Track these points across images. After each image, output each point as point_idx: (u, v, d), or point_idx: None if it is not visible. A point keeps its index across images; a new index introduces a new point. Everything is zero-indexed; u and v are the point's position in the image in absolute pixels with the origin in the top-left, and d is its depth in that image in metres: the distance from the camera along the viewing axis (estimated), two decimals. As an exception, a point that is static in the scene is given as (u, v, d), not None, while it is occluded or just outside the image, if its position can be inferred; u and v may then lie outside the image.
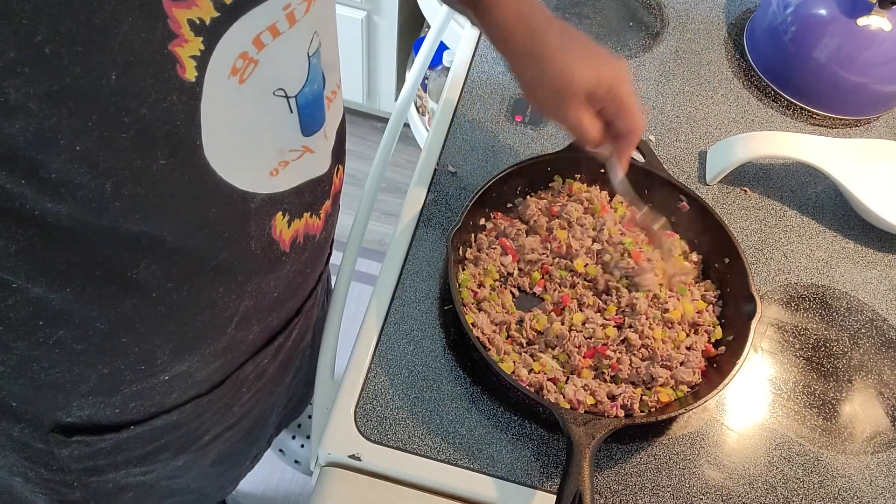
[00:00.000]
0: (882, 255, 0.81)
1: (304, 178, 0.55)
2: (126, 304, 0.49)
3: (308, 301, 0.72)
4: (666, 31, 1.00)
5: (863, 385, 0.71)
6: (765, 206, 0.83)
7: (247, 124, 0.45)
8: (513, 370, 0.65)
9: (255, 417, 0.79)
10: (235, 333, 0.60)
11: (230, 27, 0.39)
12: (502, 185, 0.74)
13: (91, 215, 0.41)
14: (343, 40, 1.69)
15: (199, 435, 0.69)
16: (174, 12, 0.36)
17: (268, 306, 0.62)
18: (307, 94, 0.49)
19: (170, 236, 0.46)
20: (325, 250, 0.70)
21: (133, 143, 0.38)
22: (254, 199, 0.50)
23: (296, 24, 0.43)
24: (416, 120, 1.72)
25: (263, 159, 0.49)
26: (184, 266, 0.50)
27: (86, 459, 0.62)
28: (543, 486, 0.63)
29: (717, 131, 0.89)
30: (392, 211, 1.87)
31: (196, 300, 0.53)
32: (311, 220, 0.60)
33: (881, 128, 0.93)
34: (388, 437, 0.64)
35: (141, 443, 0.64)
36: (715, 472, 0.65)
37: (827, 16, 0.88)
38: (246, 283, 0.56)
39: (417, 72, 0.94)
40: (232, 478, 0.95)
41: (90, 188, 0.39)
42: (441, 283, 0.73)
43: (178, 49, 0.37)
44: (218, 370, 0.63)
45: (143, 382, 0.57)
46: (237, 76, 0.41)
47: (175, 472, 0.73)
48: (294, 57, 0.46)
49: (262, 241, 0.54)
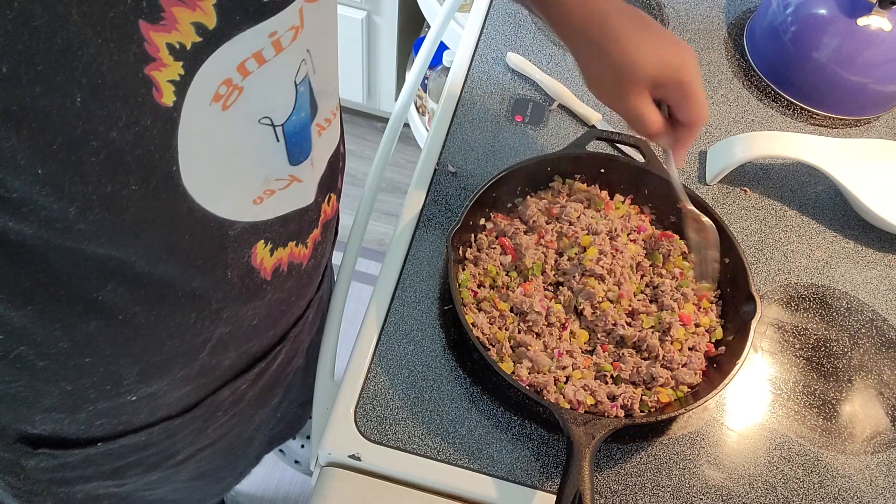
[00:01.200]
0: (882, 255, 0.81)
1: (291, 208, 0.54)
2: (90, 324, 0.47)
3: (294, 328, 0.69)
4: (666, 31, 0.99)
5: (863, 385, 0.71)
6: (765, 206, 0.83)
7: (230, 152, 0.44)
8: (513, 370, 0.65)
9: (235, 438, 0.76)
10: (209, 359, 0.58)
11: (213, 53, 0.38)
12: (502, 185, 0.74)
13: (55, 236, 0.40)
14: (343, 40, 1.69)
15: (172, 454, 0.67)
16: (151, 36, 0.34)
17: (246, 333, 0.60)
18: (294, 123, 0.48)
19: (139, 260, 0.45)
20: (314, 277, 0.67)
21: (102, 167, 0.37)
22: (233, 227, 0.48)
23: (282, 51, 0.42)
24: (416, 120, 1.72)
25: (247, 187, 0.48)
26: (153, 290, 0.48)
27: (53, 471, 0.60)
28: (543, 486, 0.63)
29: (717, 131, 0.89)
30: (392, 211, 1.87)
31: (165, 325, 0.51)
32: (296, 249, 0.58)
33: (881, 128, 0.93)
34: (388, 437, 0.64)
35: (110, 459, 0.62)
36: (715, 472, 0.65)
37: (827, 16, 0.88)
38: (221, 310, 0.54)
39: (417, 72, 0.94)
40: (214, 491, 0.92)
41: (53, 210, 0.38)
42: (441, 283, 0.73)
43: (156, 73, 0.36)
44: (190, 394, 0.61)
45: (109, 401, 0.55)
46: (220, 103, 0.40)
47: (149, 486, 0.71)
48: (281, 85, 0.45)
49: (240, 270, 0.52)
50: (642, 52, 0.58)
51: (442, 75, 1.64)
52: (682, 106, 0.61)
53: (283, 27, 0.41)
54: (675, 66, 0.59)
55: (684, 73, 0.59)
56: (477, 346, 0.64)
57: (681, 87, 0.60)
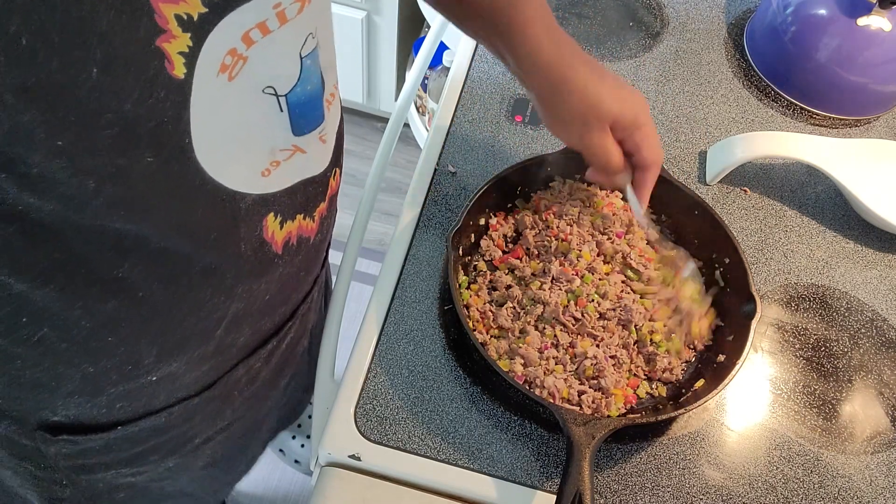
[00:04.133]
0: (882, 255, 0.81)
1: (297, 179, 0.55)
2: (110, 303, 0.48)
3: (303, 305, 0.71)
4: (666, 31, 1.00)
5: (863, 385, 0.71)
6: (765, 206, 0.83)
7: (237, 122, 0.45)
8: (509, 368, 0.65)
9: (249, 422, 0.77)
10: (225, 336, 0.59)
11: (219, 23, 0.38)
12: (502, 185, 0.74)
13: (73, 212, 0.41)
14: (343, 40, 1.70)
15: (190, 438, 0.68)
16: (161, 7, 0.35)
17: (259, 310, 0.61)
18: (299, 94, 0.48)
19: (155, 236, 0.46)
20: (320, 253, 0.69)
21: (116, 140, 0.38)
22: (244, 200, 0.49)
23: (287, 23, 0.43)
24: (416, 120, 1.72)
25: (255, 159, 0.49)
26: (170, 267, 0.49)
27: (74, 458, 0.61)
28: (543, 486, 0.63)
29: (717, 131, 0.89)
30: (392, 211, 1.87)
31: (183, 302, 0.52)
32: (304, 223, 0.59)
33: (881, 128, 0.93)
34: (388, 437, 0.64)
35: (129, 443, 0.63)
36: (715, 472, 0.65)
37: (827, 16, 0.88)
38: (236, 285, 0.55)
39: (417, 72, 0.94)
40: (227, 481, 0.94)
41: (71, 184, 0.38)
42: (441, 283, 0.73)
43: (167, 45, 0.36)
44: (207, 373, 0.62)
45: (130, 383, 0.56)
46: (226, 73, 0.41)
47: (166, 475, 0.72)
48: (285, 56, 0.46)
49: (253, 243, 0.53)
50: (605, 94, 0.62)
51: (442, 75, 1.65)
52: (643, 148, 0.65)
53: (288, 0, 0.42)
54: (634, 111, 0.63)
55: (642, 117, 0.63)
56: (477, 346, 0.64)
57: (640, 129, 0.64)
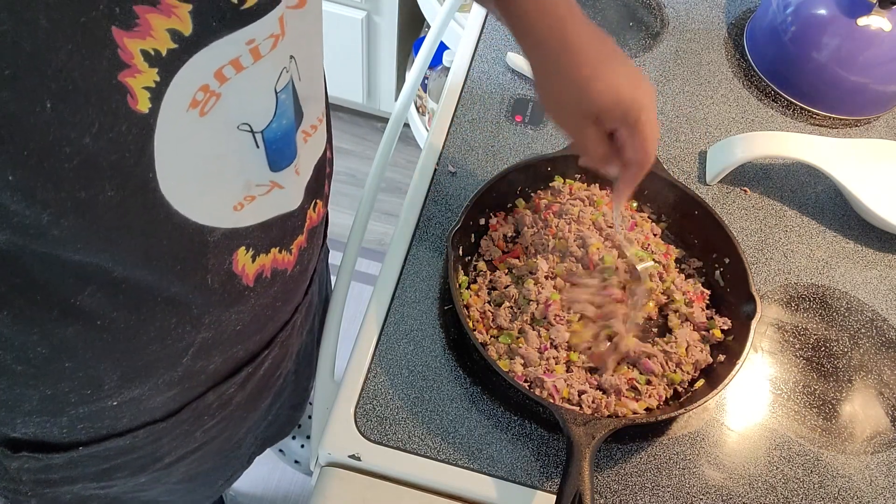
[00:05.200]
0: (882, 255, 0.81)
1: (272, 214, 0.53)
2: (68, 329, 0.47)
3: (282, 332, 0.68)
4: (666, 31, 1.00)
5: (863, 385, 0.71)
6: (765, 206, 0.83)
7: (208, 158, 0.44)
8: (509, 368, 0.65)
9: (225, 441, 0.75)
10: (192, 364, 0.57)
11: (189, 60, 0.37)
12: (502, 185, 0.74)
13: (28, 242, 0.40)
14: (343, 40, 1.70)
15: (159, 458, 0.66)
16: (125, 42, 0.34)
17: (230, 338, 0.59)
18: (275, 130, 0.47)
19: (116, 266, 0.44)
20: (301, 283, 0.66)
21: (77, 172, 0.36)
22: (213, 234, 0.48)
23: (261, 59, 0.42)
24: (416, 120, 1.72)
25: (227, 193, 0.47)
26: (132, 296, 0.47)
27: (37, 472, 0.59)
28: (543, 486, 0.63)
29: (717, 131, 0.89)
30: (392, 211, 1.87)
31: (145, 330, 0.51)
32: (280, 255, 0.57)
33: (881, 128, 0.93)
34: (388, 437, 0.64)
35: (95, 461, 0.61)
36: (715, 472, 0.65)
37: (827, 16, 0.88)
38: (202, 315, 0.53)
39: (417, 72, 0.94)
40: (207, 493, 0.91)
41: (26, 216, 0.37)
42: (441, 283, 0.73)
43: (130, 80, 0.35)
44: (174, 398, 0.60)
45: (90, 406, 0.54)
46: (197, 109, 0.40)
47: (138, 488, 0.70)
48: (260, 91, 0.44)
49: (221, 276, 0.51)
50: (597, 83, 0.56)
51: (442, 75, 1.64)
52: (630, 146, 0.59)
53: (262, 35, 0.41)
54: (628, 104, 0.56)
55: (636, 112, 0.57)
56: (477, 346, 0.64)
57: (629, 126, 0.58)
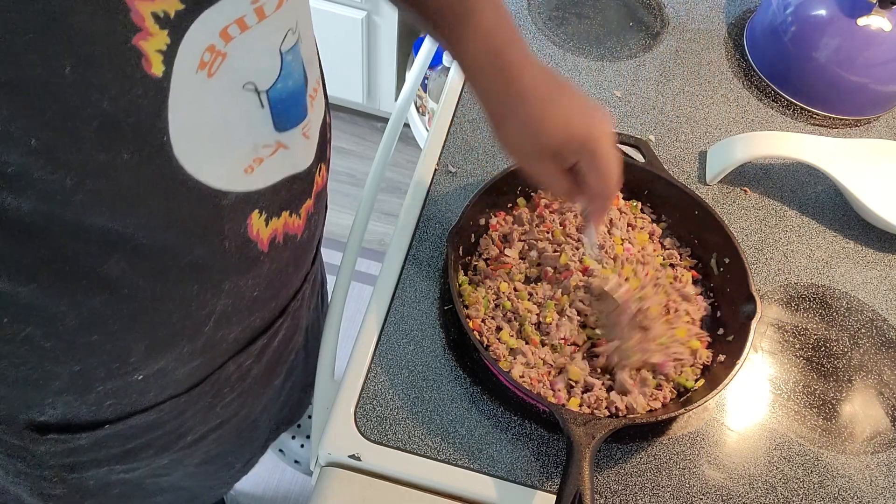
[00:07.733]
0: (882, 255, 0.81)
1: (281, 176, 0.54)
2: (96, 300, 0.48)
3: (294, 301, 0.70)
4: (666, 31, 1.00)
5: (863, 385, 0.71)
6: (765, 206, 0.83)
7: (217, 120, 0.45)
8: (510, 369, 0.65)
9: (243, 420, 0.77)
10: (214, 333, 0.58)
11: (196, 20, 0.38)
12: (502, 185, 0.74)
13: (54, 209, 0.41)
14: (343, 40, 1.70)
15: (181, 435, 0.68)
16: (137, 5, 0.35)
17: (248, 306, 0.60)
18: (280, 90, 0.48)
19: (138, 232, 0.45)
20: (309, 250, 0.68)
21: (96, 136, 0.38)
22: (226, 197, 0.49)
23: (265, 18, 0.43)
24: (416, 120, 1.72)
25: (237, 156, 0.49)
26: (154, 263, 0.48)
27: (63, 456, 0.60)
28: (543, 486, 0.63)
29: (717, 131, 0.89)
30: (392, 211, 1.87)
31: (169, 298, 0.52)
32: (290, 220, 0.59)
33: (881, 128, 0.93)
34: (388, 437, 0.64)
35: (120, 441, 0.62)
36: (715, 472, 0.65)
37: (827, 16, 0.88)
38: (222, 281, 0.54)
39: (417, 72, 0.94)
40: (224, 479, 0.93)
41: (50, 181, 0.38)
42: (441, 283, 0.73)
43: (143, 43, 0.36)
44: (197, 369, 0.61)
45: (118, 380, 0.55)
46: (205, 70, 0.41)
47: (160, 471, 0.72)
48: (264, 52, 0.45)
49: (238, 240, 0.53)
50: (548, 122, 0.56)
51: (442, 75, 1.65)
52: (588, 178, 0.59)
53: None
54: (582, 137, 0.56)
55: (592, 143, 0.56)
56: (477, 346, 0.64)
57: (587, 159, 0.57)
